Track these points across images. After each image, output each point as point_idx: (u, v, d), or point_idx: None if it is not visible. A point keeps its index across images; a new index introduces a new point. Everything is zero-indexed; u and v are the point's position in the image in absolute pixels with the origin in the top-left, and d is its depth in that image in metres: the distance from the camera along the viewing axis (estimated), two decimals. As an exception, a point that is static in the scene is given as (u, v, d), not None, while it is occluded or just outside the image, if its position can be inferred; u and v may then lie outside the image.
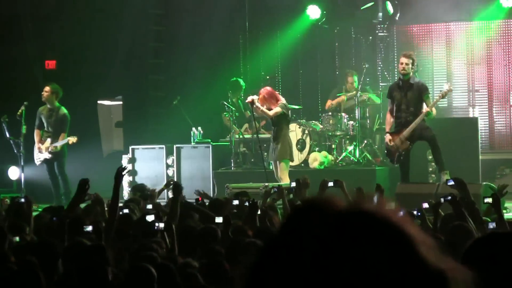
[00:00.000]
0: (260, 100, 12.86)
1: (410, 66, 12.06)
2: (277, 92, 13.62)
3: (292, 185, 11.91)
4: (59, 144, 14.08)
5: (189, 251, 6.19)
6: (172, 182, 11.36)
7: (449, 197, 7.19)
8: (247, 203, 7.70)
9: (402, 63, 12.14)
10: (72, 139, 13.98)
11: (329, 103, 15.65)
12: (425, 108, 12.05)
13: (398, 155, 12.17)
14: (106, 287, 4.86)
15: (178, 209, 7.69)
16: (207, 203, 8.95)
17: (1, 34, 16.98)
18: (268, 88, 13.47)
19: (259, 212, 7.54)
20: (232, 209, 8.32)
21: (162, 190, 11.32)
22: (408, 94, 12.02)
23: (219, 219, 7.01)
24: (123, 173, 7.76)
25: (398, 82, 12.31)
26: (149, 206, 8.38)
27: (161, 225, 6.78)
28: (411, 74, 12.12)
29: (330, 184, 8.93)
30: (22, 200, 8.45)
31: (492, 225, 6.60)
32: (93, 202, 9.12)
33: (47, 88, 14.22)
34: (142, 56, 17.68)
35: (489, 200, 7.29)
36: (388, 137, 12.24)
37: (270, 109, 12.89)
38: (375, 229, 1.08)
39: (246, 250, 5.69)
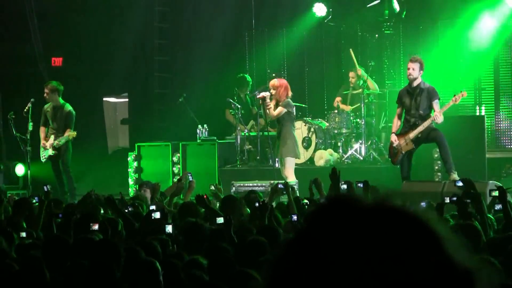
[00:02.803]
0: (278, 91, 12.75)
1: (418, 70, 11.98)
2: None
3: (295, 183, 11.92)
4: (62, 140, 14.07)
5: (196, 248, 6.19)
6: (187, 174, 11.14)
7: (454, 198, 7.17)
8: (257, 204, 7.69)
9: (408, 68, 12.08)
10: (72, 134, 13.95)
11: (337, 100, 15.61)
12: (433, 112, 11.98)
13: (400, 156, 12.15)
14: (113, 283, 4.87)
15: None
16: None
17: (8, 32, 17.01)
18: (284, 80, 13.40)
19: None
20: (241, 210, 8.31)
21: (174, 186, 11.12)
22: (418, 99, 11.98)
23: (220, 220, 7.00)
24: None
25: (407, 87, 12.25)
26: (153, 207, 8.36)
27: (169, 228, 6.77)
28: (420, 78, 12.05)
29: (344, 186, 8.89)
30: (35, 200, 8.50)
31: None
32: (92, 201, 9.09)
33: (45, 89, 14.21)
34: (148, 54, 17.70)
35: (496, 193, 7.29)
36: (393, 137, 12.22)
37: (278, 102, 12.83)
38: (402, 227, 1.08)
39: (252, 248, 5.70)
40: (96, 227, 6.72)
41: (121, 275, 5.05)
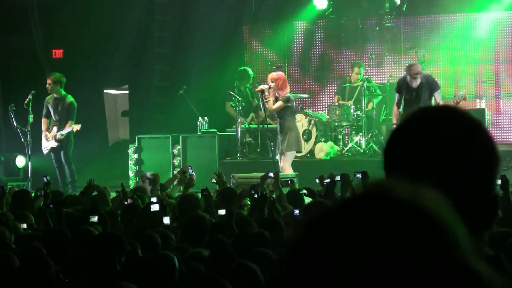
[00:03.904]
0: (277, 84, 12.70)
1: (421, 72, 12.00)
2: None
3: (295, 176, 11.90)
4: (64, 132, 14.10)
5: (197, 241, 6.20)
6: (188, 167, 11.04)
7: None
8: (256, 195, 7.69)
9: (415, 79, 11.99)
10: (76, 127, 14.00)
11: (336, 99, 15.64)
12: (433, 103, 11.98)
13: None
14: (113, 275, 4.87)
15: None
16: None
17: (9, 24, 16.99)
18: (282, 73, 13.36)
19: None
20: (242, 203, 8.30)
21: (174, 178, 11.09)
22: (419, 91, 11.98)
23: (222, 211, 6.99)
24: None
25: (407, 78, 12.22)
26: (154, 199, 8.34)
27: (167, 220, 6.77)
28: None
29: (338, 178, 8.84)
30: (41, 192, 8.51)
31: None
32: (89, 192, 9.09)
33: (48, 80, 14.25)
34: (148, 46, 17.68)
35: (498, 181, 7.27)
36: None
37: (278, 96, 12.78)
38: (407, 222, 1.06)
39: (254, 241, 5.71)
40: (95, 219, 6.73)
41: (128, 269, 5.04)
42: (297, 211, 7.02)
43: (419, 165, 1.53)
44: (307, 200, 8.29)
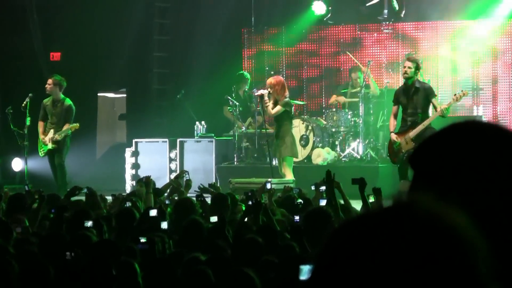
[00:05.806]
0: (276, 89, 12.67)
1: (414, 70, 11.94)
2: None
3: (292, 182, 11.90)
4: (62, 133, 14.06)
5: (194, 246, 6.18)
6: (185, 172, 10.92)
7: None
8: (250, 202, 7.67)
9: (404, 67, 12.05)
10: (74, 126, 13.95)
11: (333, 98, 15.67)
12: (432, 109, 11.95)
13: (401, 155, 12.10)
14: (110, 280, 4.86)
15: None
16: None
17: (7, 26, 16.97)
18: (280, 77, 13.34)
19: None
20: (236, 209, 8.28)
21: (170, 184, 10.99)
22: (415, 98, 11.94)
23: (214, 218, 6.97)
24: None
25: (403, 86, 12.20)
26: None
27: (164, 224, 6.75)
28: (415, 78, 12.01)
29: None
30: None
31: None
32: (87, 196, 9.02)
33: (49, 81, 14.23)
34: (147, 49, 17.68)
35: None
36: (393, 136, 12.17)
37: (277, 100, 12.77)
38: (454, 248, 1.05)
39: (248, 246, 5.70)
40: (90, 223, 6.70)
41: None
42: (297, 218, 7.00)
43: (456, 179, 1.46)
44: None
